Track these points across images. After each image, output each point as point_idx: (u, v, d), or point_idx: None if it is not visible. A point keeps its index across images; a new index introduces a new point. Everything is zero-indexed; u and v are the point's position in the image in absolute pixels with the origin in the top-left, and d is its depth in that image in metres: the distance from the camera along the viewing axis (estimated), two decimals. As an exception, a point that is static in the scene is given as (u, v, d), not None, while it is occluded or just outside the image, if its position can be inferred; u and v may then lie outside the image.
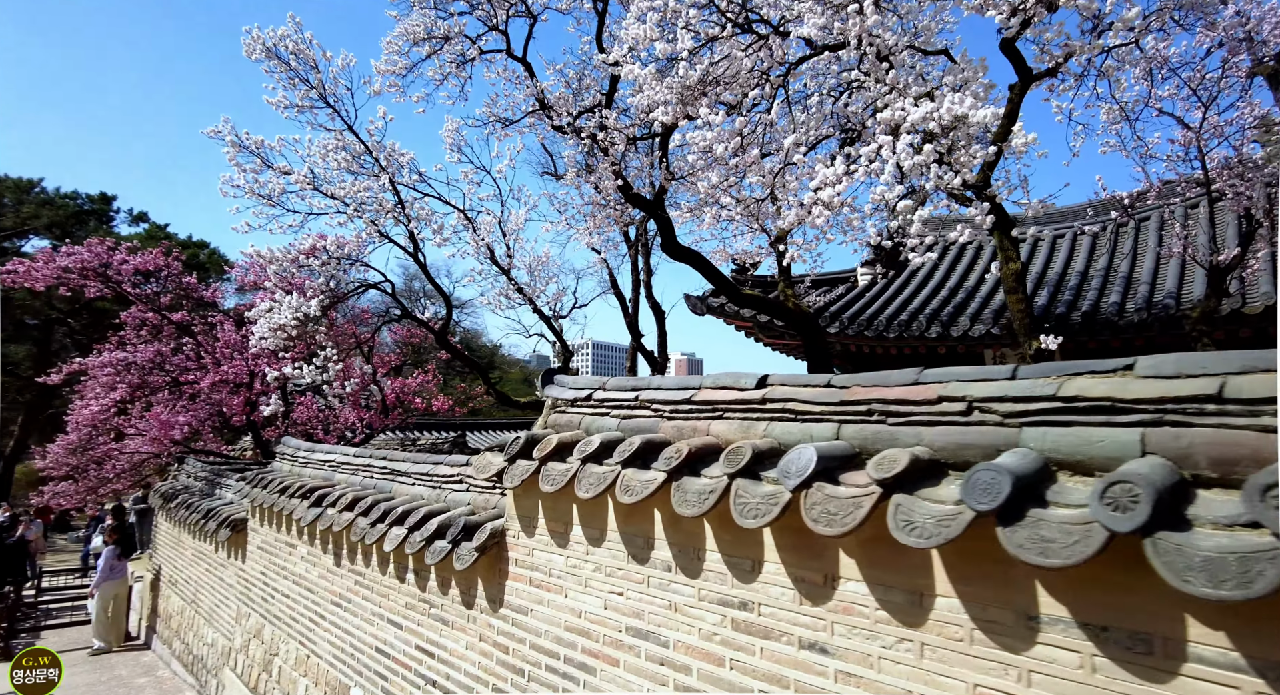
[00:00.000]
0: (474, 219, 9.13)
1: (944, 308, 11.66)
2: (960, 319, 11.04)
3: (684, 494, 2.35)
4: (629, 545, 2.72)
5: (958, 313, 11.46)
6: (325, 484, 5.11)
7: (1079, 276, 10.92)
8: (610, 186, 8.41)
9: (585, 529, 2.93)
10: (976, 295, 12.00)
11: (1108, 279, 10.60)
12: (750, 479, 2.21)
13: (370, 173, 7.73)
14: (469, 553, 3.36)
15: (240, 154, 7.67)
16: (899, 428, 2.04)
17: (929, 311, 11.57)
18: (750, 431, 2.43)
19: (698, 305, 12.85)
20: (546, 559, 3.10)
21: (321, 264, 7.22)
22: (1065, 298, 10.45)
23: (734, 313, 12.47)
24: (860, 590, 1.97)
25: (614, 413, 3.04)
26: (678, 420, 2.73)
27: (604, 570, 2.81)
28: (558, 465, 2.94)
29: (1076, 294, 10.49)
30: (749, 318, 12.31)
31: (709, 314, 12.92)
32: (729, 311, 12.53)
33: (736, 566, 2.31)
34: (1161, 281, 9.84)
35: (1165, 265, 9.93)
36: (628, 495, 2.51)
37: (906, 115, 3.85)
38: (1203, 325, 7.26)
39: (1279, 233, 6.06)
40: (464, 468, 4.12)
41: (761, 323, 12.30)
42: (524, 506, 3.28)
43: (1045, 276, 11.50)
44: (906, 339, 11.29)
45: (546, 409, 3.41)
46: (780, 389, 2.44)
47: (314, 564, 5.04)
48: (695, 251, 7.85)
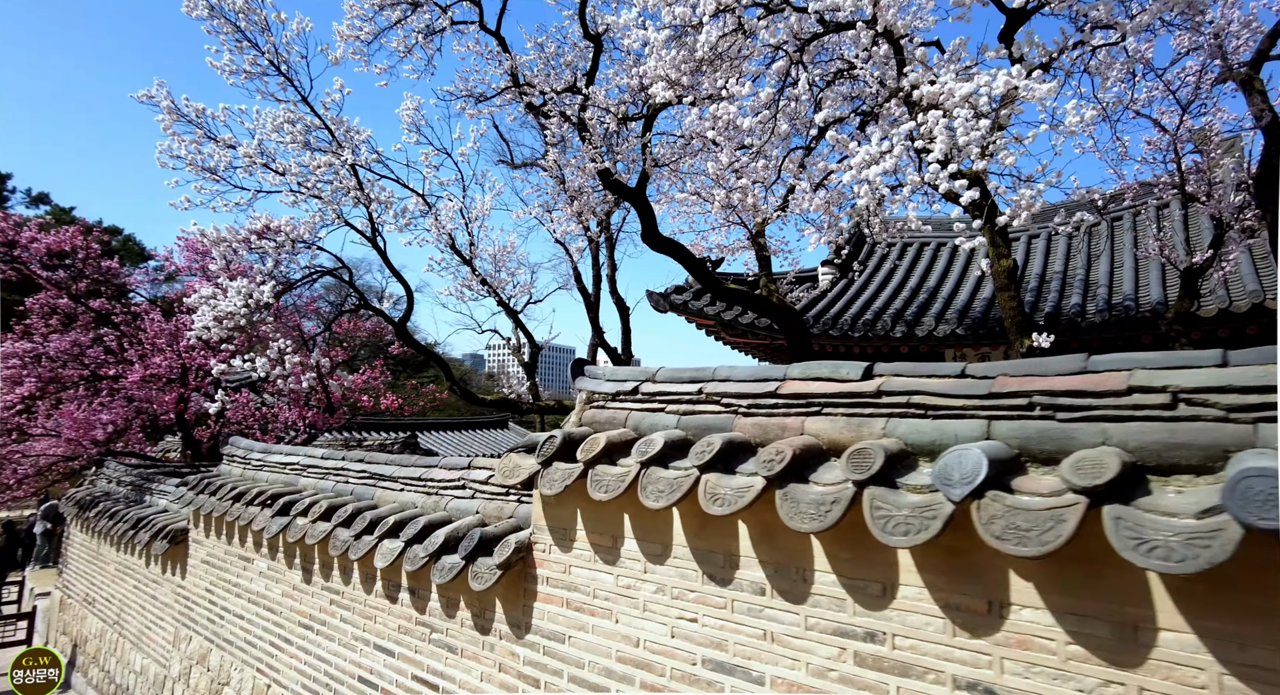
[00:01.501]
0: (433, 204, 8.54)
1: (907, 307, 11.68)
2: (925, 318, 11.05)
3: (795, 505, 1.97)
4: (704, 563, 2.32)
5: (921, 312, 11.49)
6: (290, 490, 4.52)
7: (1059, 277, 11.07)
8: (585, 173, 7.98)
9: (643, 543, 2.52)
10: (938, 295, 12.08)
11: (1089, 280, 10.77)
12: (885, 487, 1.85)
13: (329, 149, 7.05)
14: (489, 570, 2.90)
15: (178, 123, 6.87)
16: (1075, 424, 1.72)
17: (893, 311, 11.56)
18: (863, 430, 2.08)
19: (660, 302, 12.52)
20: (589, 578, 2.68)
21: (276, 246, 6.52)
22: (1051, 297, 10.58)
23: (698, 310, 12.21)
24: (1042, 620, 1.64)
25: (670, 408, 2.65)
26: (758, 417, 2.36)
27: (669, 592, 2.41)
28: (610, 469, 2.53)
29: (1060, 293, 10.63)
30: (713, 315, 12.06)
31: (672, 311, 12.62)
32: (693, 309, 12.25)
33: (860, 590, 1.95)
34: (1145, 284, 10.03)
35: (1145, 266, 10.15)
36: (717, 505, 2.12)
37: (952, 90, 3.59)
38: (1178, 325, 7.35)
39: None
40: (466, 471, 3.64)
41: (726, 320, 12.07)
42: (557, 516, 2.84)
43: (1024, 276, 11.63)
44: (871, 338, 11.24)
45: (580, 404, 2.98)
46: (899, 380, 2.09)
47: (277, 581, 4.44)
48: (677, 243, 7.50)
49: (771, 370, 2.43)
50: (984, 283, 12.01)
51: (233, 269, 6.90)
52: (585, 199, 8.62)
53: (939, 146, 3.56)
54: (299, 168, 7.04)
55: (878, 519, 1.80)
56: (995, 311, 10.78)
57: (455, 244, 8.83)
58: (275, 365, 6.40)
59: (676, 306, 12.31)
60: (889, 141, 3.73)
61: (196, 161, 6.58)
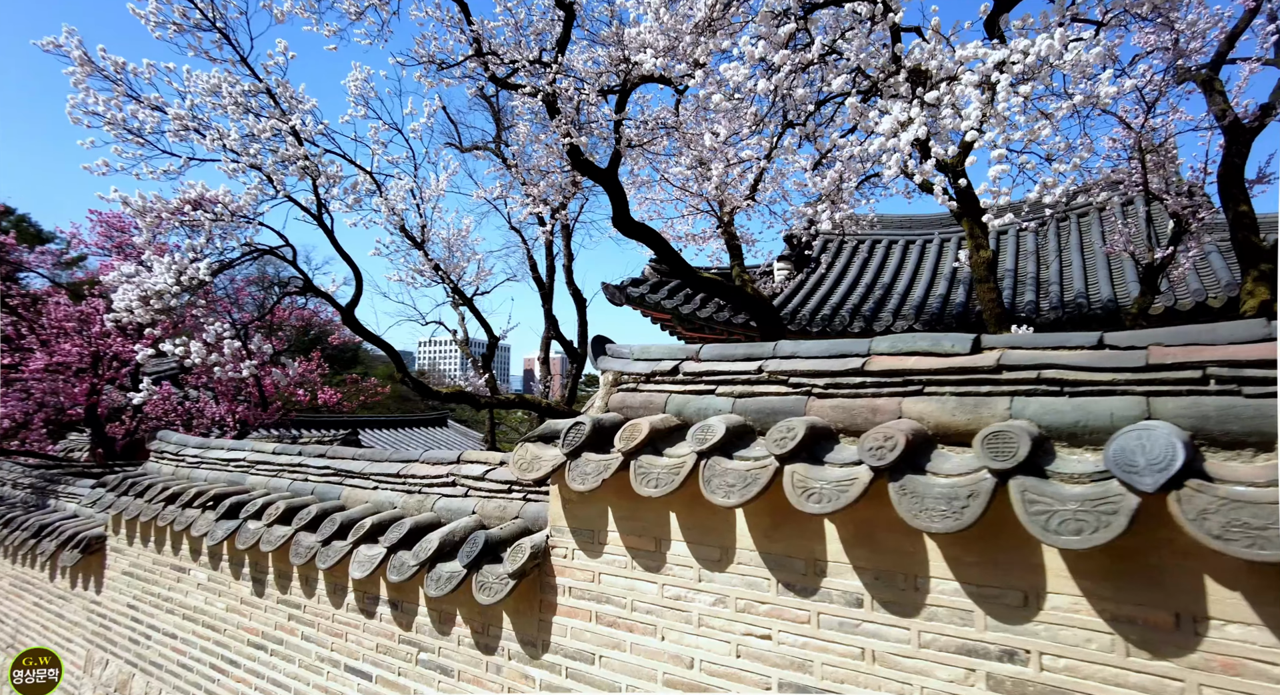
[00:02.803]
0: (382, 183, 7.94)
1: (864, 303, 11.68)
2: (882, 314, 11.06)
3: (917, 500, 1.65)
4: (779, 570, 1.98)
5: (878, 308, 11.51)
6: (237, 489, 3.95)
7: (1010, 274, 11.22)
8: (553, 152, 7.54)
9: (696, 547, 2.15)
10: (894, 291, 12.13)
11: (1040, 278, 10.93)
12: (1035, 476, 1.55)
13: (274, 115, 6.38)
14: (499, 581, 2.48)
15: (92, 77, 6.09)
16: (1269, 400, 1.45)
17: (850, 307, 11.54)
18: (981, 412, 1.77)
19: (616, 295, 12.15)
20: (625, 587, 2.29)
21: (213, 218, 5.83)
22: (1004, 294, 10.70)
23: (655, 304, 11.89)
24: (1256, 638, 1.36)
25: (721, 390, 2.29)
26: (838, 398, 2.03)
27: (732, 603, 2.05)
28: (658, 461, 2.15)
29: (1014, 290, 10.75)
30: (670, 309, 11.77)
31: (628, 304, 12.26)
32: (650, 302, 11.92)
33: (993, 600, 1.64)
34: (1094, 281, 10.22)
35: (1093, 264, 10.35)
36: (813, 501, 1.78)
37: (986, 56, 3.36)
38: (1143, 320, 7.46)
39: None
40: (456, 466, 3.19)
41: (683, 314, 11.80)
42: (582, 516, 2.45)
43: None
44: (830, 334, 11.17)
45: (605, 387, 2.59)
46: (1021, 352, 1.80)
47: (220, 594, 3.87)
48: (649, 228, 7.14)
49: (850, 345, 2.11)
50: (937, 280, 12.12)
51: (158, 244, 6.16)
52: (544, 184, 8.18)
53: (972, 116, 3.32)
54: (238, 134, 6.35)
55: (1035, 515, 1.49)
56: (951, 308, 10.88)
57: (406, 226, 8.24)
58: (212, 351, 5.71)
59: (633, 299, 11.97)
60: (914, 110, 3.48)
61: (117, 120, 5.82)
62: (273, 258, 6.92)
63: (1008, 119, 3.32)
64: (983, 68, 3.36)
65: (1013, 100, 3.26)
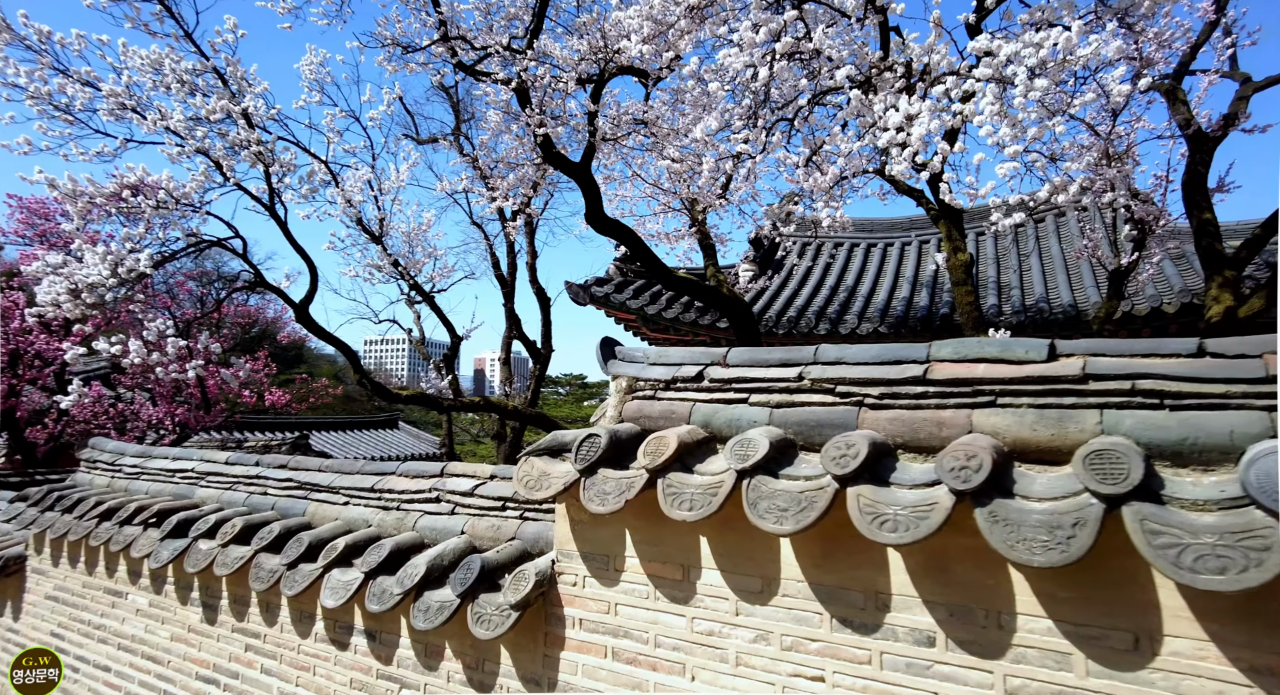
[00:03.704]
0: (338, 174, 7.50)
1: (828, 305, 11.68)
2: (847, 316, 11.06)
3: (1013, 529, 1.45)
4: (832, 603, 1.76)
5: (844, 310, 11.51)
6: (185, 504, 3.55)
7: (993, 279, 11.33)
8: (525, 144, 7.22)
9: (732, 576, 1.92)
10: (857, 294, 12.16)
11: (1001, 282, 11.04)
12: (1152, 503, 1.36)
13: (224, 96, 5.90)
14: (499, 613, 2.20)
15: (11, 46, 5.52)
16: None
17: (815, 309, 11.53)
18: (1067, 426, 1.58)
19: (580, 294, 11.86)
20: (647, 620, 2.04)
21: (155, 206, 5.33)
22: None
23: (620, 304, 11.66)
24: None
25: (756, 398, 2.06)
26: (896, 409, 1.82)
27: (776, 641, 1.83)
28: (690, 479, 1.91)
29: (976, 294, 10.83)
30: (635, 309, 11.56)
31: (592, 304, 11.99)
32: (615, 302, 11.68)
33: (1095, 643, 1.45)
34: (1054, 286, 10.35)
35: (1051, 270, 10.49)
36: (887, 530, 1.56)
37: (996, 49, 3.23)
38: (1109, 326, 7.54)
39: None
40: (440, 480, 2.88)
41: (649, 315, 11.61)
42: (595, 539, 2.19)
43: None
44: (795, 336, 11.12)
45: (618, 395, 2.33)
46: (1109, 360, 1.62)
47: (164, 622, 3.46)
48: (623, 225, 6.89)
49: (903, 350, 1.90)
50: (900, 283, 12.20)
51: (90, 233, 5.63)
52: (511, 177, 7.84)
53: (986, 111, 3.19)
54: (182, 116, 5.86)
55: (1162, 549, 1.30)
56: (915, 311, 10.93)
57: (363, 219, 7.80)
58: (153, 350, 5.22)
59: (597, 299, 11.70)
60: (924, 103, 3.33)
61: (42, 94, 5.28)
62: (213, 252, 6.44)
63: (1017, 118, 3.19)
64: (996, 61, 3.22)
65: (1031, 94, 3.13)
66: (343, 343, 6.76)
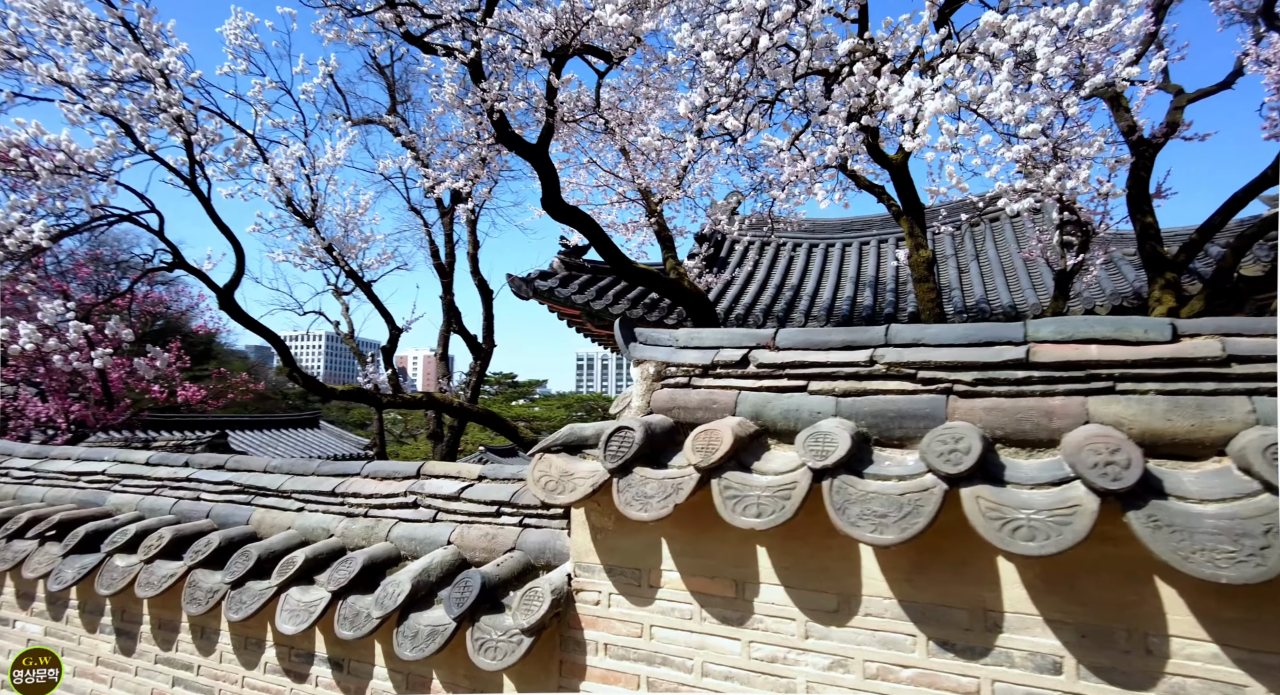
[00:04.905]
0: (266, 149, 6.85)
1: (775, 304, 11.66)
2: (794, 315, 11.05)
3: (1184, 536, 1.22)
4: (927, 623, 1.51)
5: (790, 309, 11.50)
6: (93, 513, 3.01)
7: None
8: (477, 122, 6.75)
9: (800, 593, 1.64)
10: (803, 293, 12.19)
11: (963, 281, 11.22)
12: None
13: (139, 51, 5.23)
14: (507, 639, 1.85)
15: None
16: None
17: (762, 307, 11.49)
18: (1210, 415, 1.38)
19: (523, 288, 11.41)
20: (691, 645, 1.74)
21: (52, 170, 4.63)
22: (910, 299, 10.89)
23: (565, 298, 11.29)
24: None
25: (817, 385, 1.79)
26: (994, 397, 1.58)
27: (856, 668, 1.56)
28: (752, 479, 1.62)
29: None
30: (581, 304, 11.21)
31: (535, 298, 11.56)
32: (560, 297, 11.30)
33: (1276, 673, 1.24)
34: (992, 288, 10.53)
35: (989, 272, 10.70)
36: (1023, 538, 1.31)
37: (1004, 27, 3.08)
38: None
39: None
40: (417, 482, 2.49)
41: (594, 310, 11.28)
42: (621, 550, 1.87)
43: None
44: (743, 333, 11.02)
45: (644, 382, 2.02)
46: (1252, 341, 1.42)
47: (65, 652, 2.92)
48: (582, 212, 6.55)
49: (995, 329, 1.67)
50: (843, 282, 12.28)
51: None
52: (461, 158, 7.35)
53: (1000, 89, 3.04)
54: (85, 71, 5.16)
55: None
56: (859, 310, 11.00)
57: (294, 200, 7.16)
58: (49, 336, 4.54)
59: (541, 293, 11.29)
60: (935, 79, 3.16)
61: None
62: (112, 235, 5.73)
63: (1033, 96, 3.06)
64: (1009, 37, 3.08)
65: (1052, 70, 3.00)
66: (272, 333, 6.15)
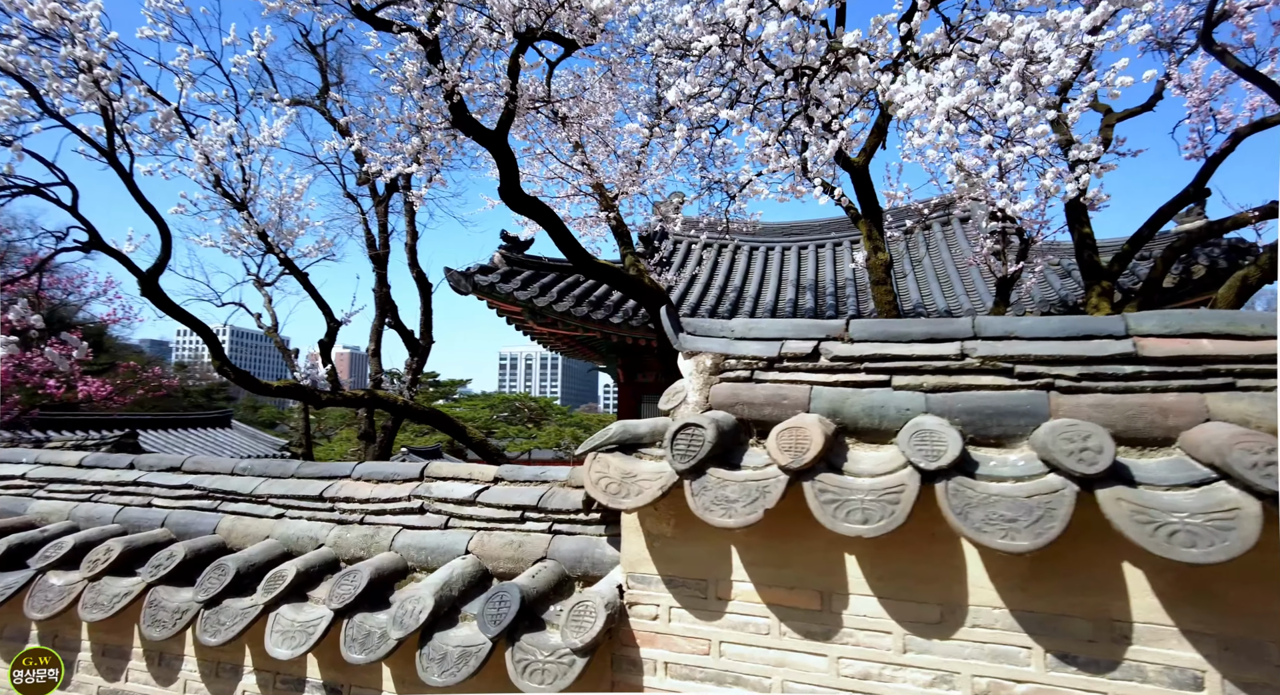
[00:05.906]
0: (192, 125, 6.29)
1: (719, 305, 11.70)
2: (738, 316, 11.10)
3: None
4: (1044, 634, 1.40)
5: (734, 311, 11.57)
6: (17, 522, 2.59)
7: (852, 283, 11.68)
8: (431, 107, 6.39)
9: (896, 603, 1.51)
10: (746, 295, 12.28)
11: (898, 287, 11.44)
12: None
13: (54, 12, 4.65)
14: (556, 660, 1.64)
15: None
16: None
17: (706, 307, 11.51)
18: (1339, 413, 1.33)
19: (462, 283, 11.01)
20: (769, 661, 1.59)
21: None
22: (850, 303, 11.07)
23: (505, 295, 10.96)
24: None
25: (901, 380, 1.67)
26: (1100, 394, 1.50)
27: (965, 683, 1.44)
28: (852, 482, 1.48)
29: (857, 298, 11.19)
30: (523, 301, 10.91)
31: (475, 293, 11.17)
32: (500, 293, 10.96)
33: None
34: (928, 294, 10.81)
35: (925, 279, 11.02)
36: (1182, 544, 1.21)
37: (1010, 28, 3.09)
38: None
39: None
40: (421, 484, 2.24)
41: (537, 308, 11.01)
42: (681, 559, 1.70)
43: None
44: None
45: (699, 376, 1.85)
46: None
47: (-18, 685, 2.50)
48: (542, 203, 6.29)
49: (1094, 322, 1.59)
50: (784, 285, 12.44)
51: None
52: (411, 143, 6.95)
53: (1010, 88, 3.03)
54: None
55: None
56: (801, 312, 11.14)
57: (223, 181, 6.60)
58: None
59: (481, 288, 10.92)
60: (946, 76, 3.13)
61: None
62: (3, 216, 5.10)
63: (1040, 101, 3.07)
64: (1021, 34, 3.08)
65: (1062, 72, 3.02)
66: (200, 323, 5.62)
